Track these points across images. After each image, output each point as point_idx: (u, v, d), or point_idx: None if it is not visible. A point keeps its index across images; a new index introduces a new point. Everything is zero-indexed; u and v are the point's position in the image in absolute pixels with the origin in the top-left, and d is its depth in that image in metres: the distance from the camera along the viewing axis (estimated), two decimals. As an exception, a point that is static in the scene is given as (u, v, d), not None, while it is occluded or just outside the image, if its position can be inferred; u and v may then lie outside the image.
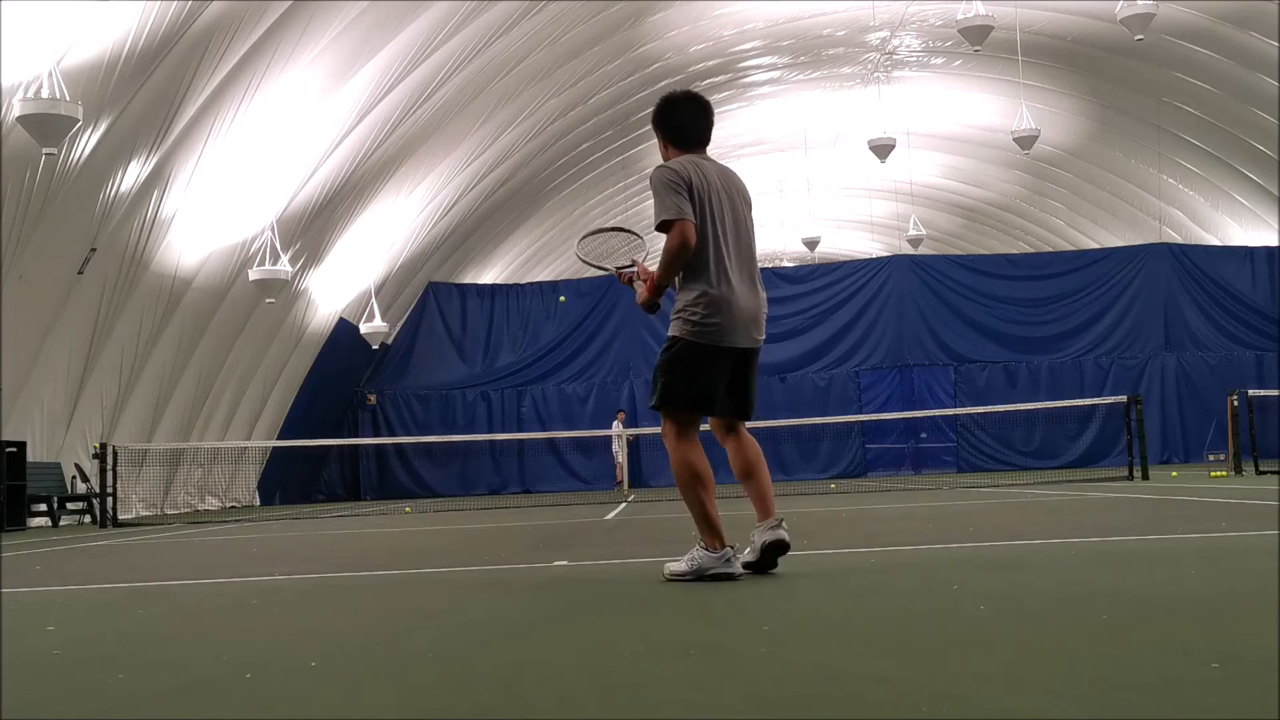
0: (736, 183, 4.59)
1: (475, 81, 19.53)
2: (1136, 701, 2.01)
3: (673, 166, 4.42)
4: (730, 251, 4.42)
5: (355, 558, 6.92)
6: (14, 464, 14.38)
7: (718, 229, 4.40)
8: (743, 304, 4.42)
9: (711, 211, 4.40)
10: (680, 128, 4.60)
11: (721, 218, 4.43)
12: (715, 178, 4.48)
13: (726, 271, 4.39)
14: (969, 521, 7.54)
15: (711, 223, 4.39)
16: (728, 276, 4.39)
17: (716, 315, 4.36)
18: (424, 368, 26.81)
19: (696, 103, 4.66)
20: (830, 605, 3.57)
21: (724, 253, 4.40)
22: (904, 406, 25.05)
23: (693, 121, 4.61)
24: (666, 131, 4.62)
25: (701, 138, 4.62)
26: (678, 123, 4.61)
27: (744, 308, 4.42)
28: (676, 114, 4.61)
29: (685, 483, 4.39)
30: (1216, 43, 22.69)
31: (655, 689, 2.33)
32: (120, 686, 2.65)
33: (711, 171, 4.49)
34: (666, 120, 4.62)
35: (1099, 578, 3.98)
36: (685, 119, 4.61)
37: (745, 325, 4.44)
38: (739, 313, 4.40)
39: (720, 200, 4.44)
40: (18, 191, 12.73)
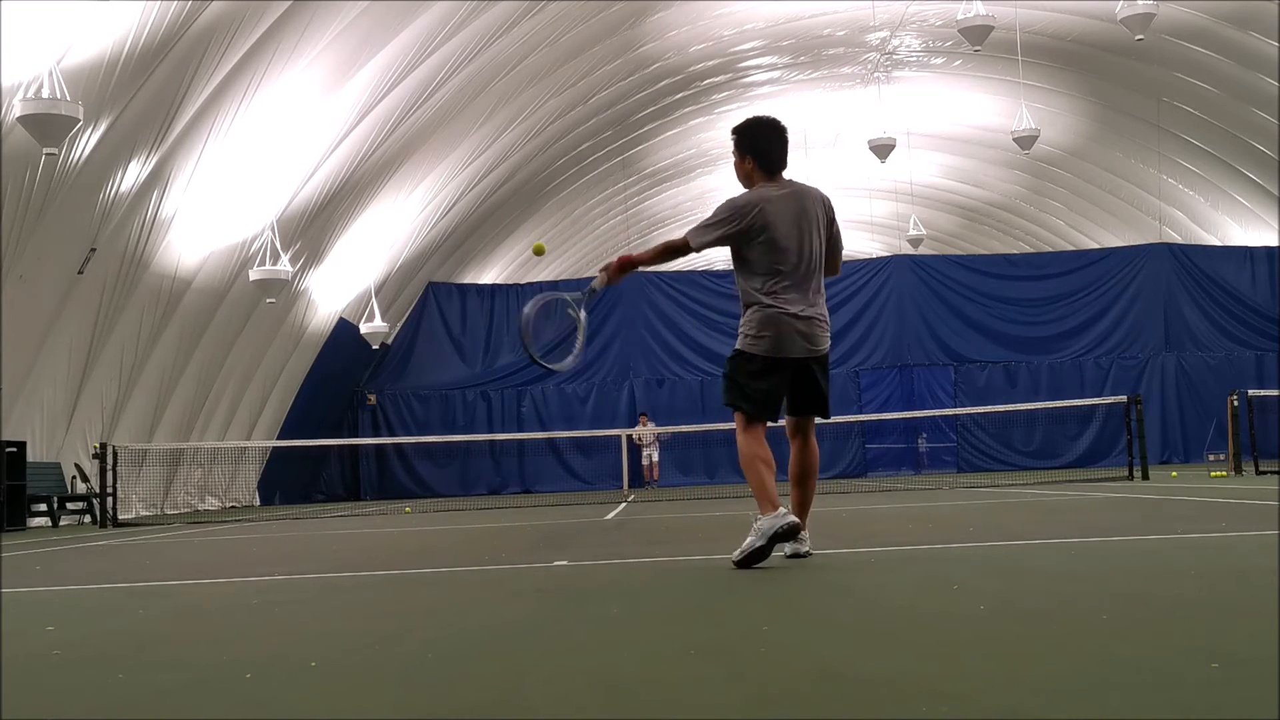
0: (808, 203, 5.04)
1: (475, 81, 19.53)
2: (1136, 701, 2.01)
3: (748, 201, 5.01)
4: (787, 274, 4.96)
5: (355, 558, 6.92)
6: (14, 464, 14.38)
7: (785, 256, 4.95)
8: (793, 321, 4.94)
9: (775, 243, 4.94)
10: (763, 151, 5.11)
11: (789, 246, 4.95)
12: (786, 203, 4.99)
13: (779, 293, 4.95)
14: (969, 521, 7.54)
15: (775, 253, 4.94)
16: (782, 297, 4.95)
17: (766, 331, 4.94)
18: (424, 368, 26.81)
19: (779, 129, 5.14)
20: (830, 605, 3.57)
21: (779, 276, 4.95)
22: (904, 406, 25.04)
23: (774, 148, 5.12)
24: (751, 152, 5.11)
25: (779, 165, 5.14)
26: (762, 147, 5.11)
27: (794, 324, 4.94)
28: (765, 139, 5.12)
29: (748, 463, 4.97)
30: (1216, 43, 22.69)
31: (655, 689, 2.33)
32: (120, 686, 2.65)
33: (784, 200, 5.00)
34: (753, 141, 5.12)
35: (1099, 578, 3.98)
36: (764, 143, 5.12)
37: (796, 338, 4.95)
38: (788, 328, 4.94)
39: (785, 229, 4.95)
40: (18, 191, 12.73)
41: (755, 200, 5.00)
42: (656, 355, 26.47)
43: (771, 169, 5.12)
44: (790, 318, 4.93)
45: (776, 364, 4.97)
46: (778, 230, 4.94)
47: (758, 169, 5.11)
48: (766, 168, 5.11)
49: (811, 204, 5.07)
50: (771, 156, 5.11)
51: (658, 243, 5.35)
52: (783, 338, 4.93)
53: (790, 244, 4.96)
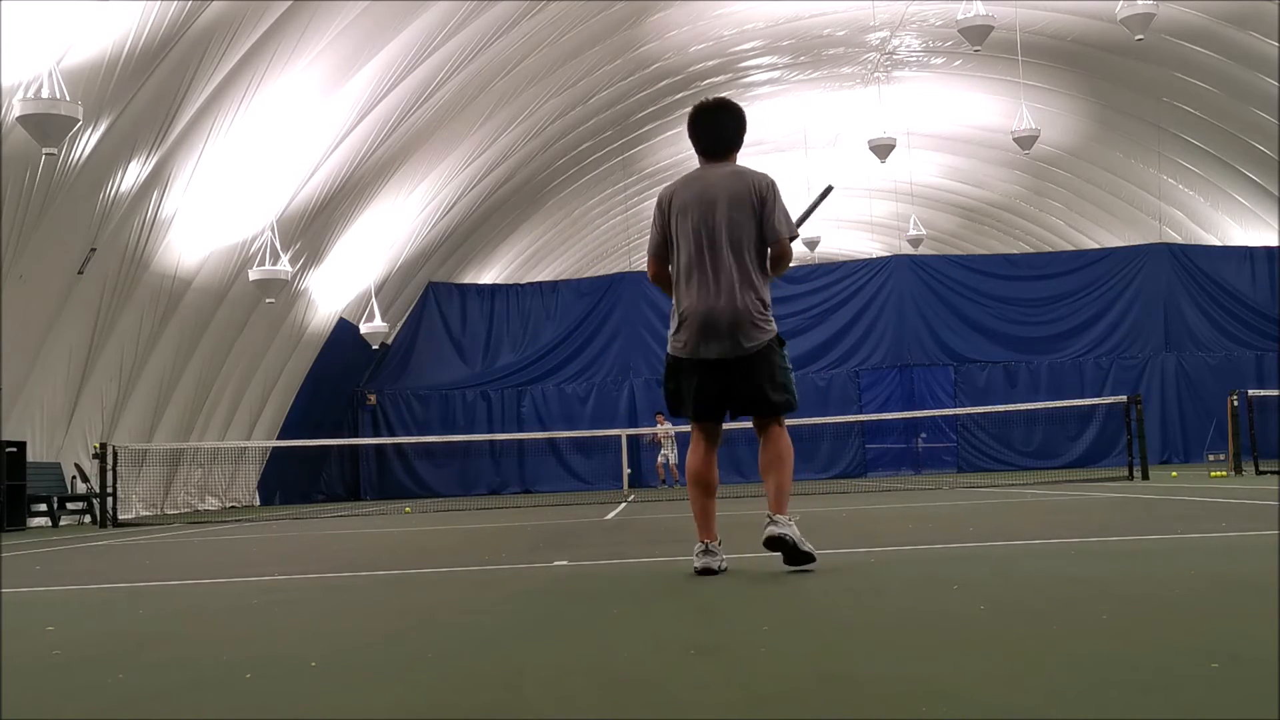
0: (734, 186, 4.59)
1: (475, 81, 19.53)
2: (1136, 701, 2.01)
3: (660, 195, 4.68)
4: (702, 267, 4.52)
5: (355, 558, 6.92)
6: (14, 464, 14.38)
7: (689, 245, 4.55)
8: (709, 318, 4.49)
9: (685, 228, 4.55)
10: (692, 139, 4.78)
11: (696, 232, 4.54)
12: (708, 187, 4.58)
13: (694, 287, 4.52)
14: (969, 521, 7.54)
15: (684, 239, 4.56)
16: (694, 292, 4.52)
17: (682, 331, 4.54)
18: (424, 368, 26.81)
19: (710, 111, 4.76)
20: (830, 605, 3.57)
21: (693, 269, 4.54)
22: (904, 406, 25.04)
23: (699, 133, 4.75)
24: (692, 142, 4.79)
25: (709, 148, 4.72)
26: (690, 134, 4.78)
27: (711, 321, 4.49)
28: (691, 124, 4.77)
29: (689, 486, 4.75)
30: (1216, 43, 22.69)
31: (656, 689, 2.33)
32: (120, 686, 2.65)
33: (705, 182, 4.61)
34: (688, 131, 4.79)
35: (1099, 578, 3.98)
36: (694, 129, 4.76)
37: (715, 337, 4.49)
38: (706, 326, 4.49)
39: (701, 213, 4.54)
40: (18, 191, 12.73)
41: (676, 185, 4.70)
42: (656, 355, 26.44)
43: (707, 153, 4.73)
44: (705, 314, 4.49)
45: (691, 365, 4.56)
46: (703, 211, 4.54)
47: (698, 155, 4.78)
48: (702, 153, 4.75)
49: (737, 183, 4.58)
50: (702, 141, 4.73)
51: None
52: (703, 338, 4.50)
53: (695, 227, 4.54)
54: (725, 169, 4.66)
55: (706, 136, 4.73)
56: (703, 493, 4.66)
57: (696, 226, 4.53)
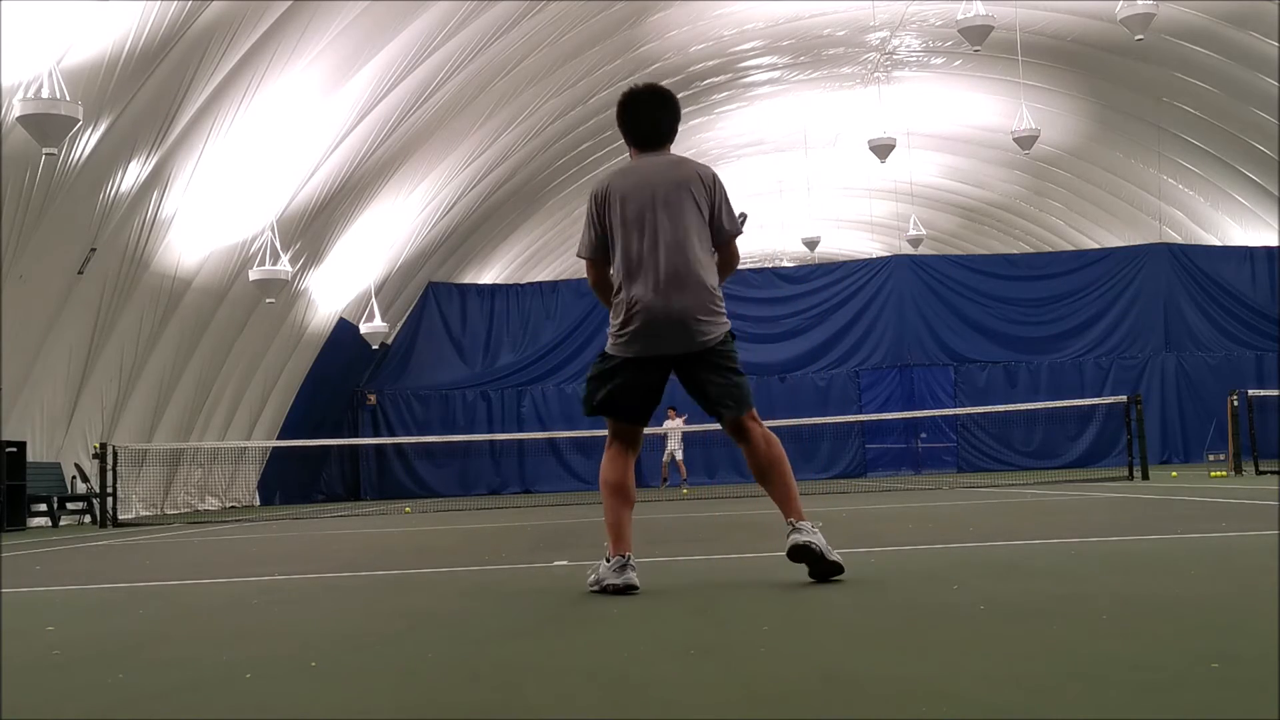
0: (676, 174, 4.28)
1: (475, 81, 19.53)
2: (1136, 701, 2.01)
3: (593, 188, 4.35)
4: (646, 257, 4.19)
5: (355, 558, 6.92)
6: (14, 464, 14.38)
7: (631, 236, 4.20)
8: (660, 312, 4.15)
9: (626, 218, 4.22)
10: (626, 128, 4.42)
11: (639, 222, 4.21)
12: (648, 176, 4.27)
13: (641, 280, 4.18)
14: (969, 521, 7.54)
15: (625, 230, 4.21)
16: (642, 285, 4.18)
17: (628, 325, 4.19)
18: (424, 368, 26.82)
19: (645, 98, 4.40)
20: (830, 605, 3.57)
21: (634, 261, 4.20)
22: (904, 406, 25.04)
23: (637, 119, 4.40)
24: (621, 131, 4.45)
25: (647, 136, 4.38)
26: (624, 122, 4.42)
27: (661, 316, 4.15)
28: (624, 111, 4.41)
29: (600, 487, 4.36)
30: (1216, 43, 22.69)
31: (655, 689, 2.33)
32: (120, 686, 2.65)
33: (645, 170, 4.29)
34: (618, 119, 4.44)
35: (1099, 578, 3.98)
36: (630, 116, 4.40)
37: (664, 333, 4.17)
38: (655, 322, 4.16)
39: (642, 203, 4.22)
40: (18, 191, 12.73)
41: (614, 176, 4.34)
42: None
43: (643, 143, 4.38)
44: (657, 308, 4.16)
45: (635, 363, 4.23)
46: (645, 200, 4.21)
47: (631, 145, 4.43)
48: (637, 143, 4.40)
49: (680, 172, 4.28)
50: (639, 130, 4.38)
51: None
52: (652, 333, 4.17)
53: (637, 217, 4.21)
54: (663, 159, 4.34)
55: (644, 124, 4.38)
56: (622, 501, 4.28)
57: (639, 216, 4.20)
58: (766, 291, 26.93)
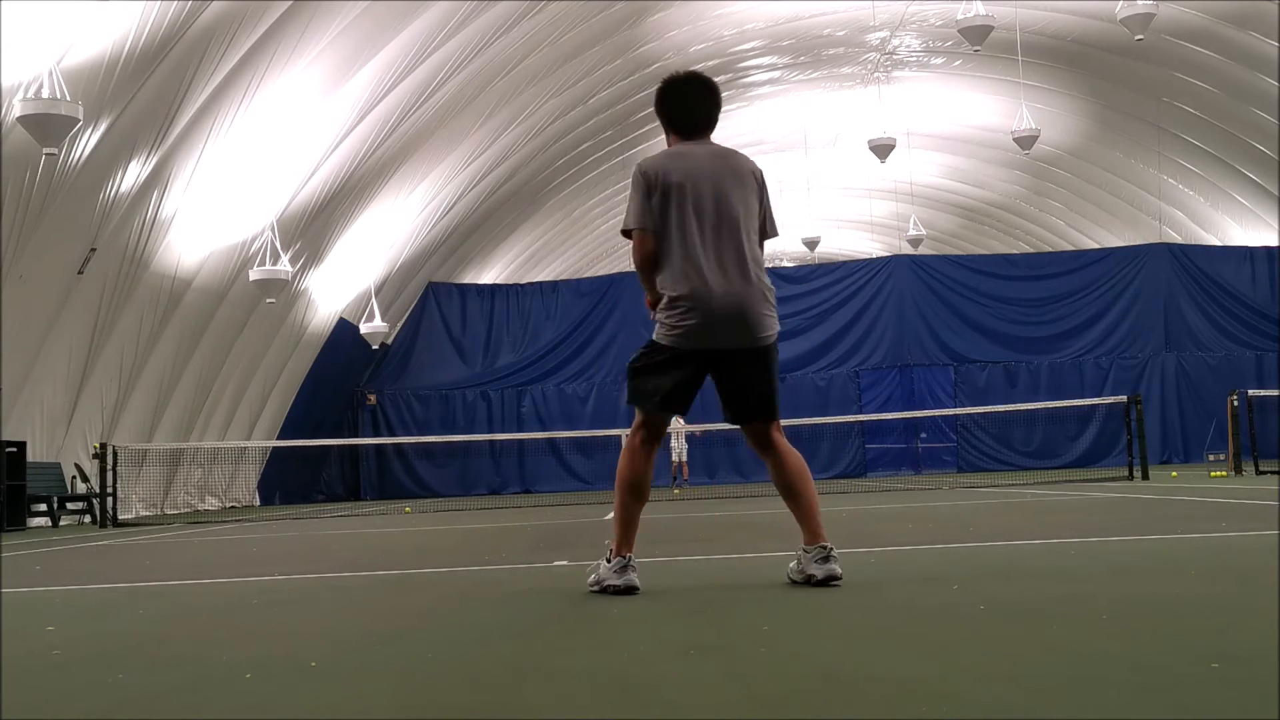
0: (734, 165, 4.20)
1: (475, 81, 19.53)
2: (1136, 701, 2.01)
3: (644, 166, 4.16)
4: (708, 246, 4.06)
5: (355, 558, 6.92)
6: (14, 464, 14.38)
7: (690, 224, 4.06)
8: (719, 303, 4.02)
9: (685, 205, 4.07)
10: (672, 115, 4.31)
11: (700, 210, 4.07)
12: (704, 163, 4.15)
13: (700, 269, 4.03)
14: (969, 521, 7.54)
15: (683, 217, 4.06)
16: (701, 275, 4.03)
17: (688, 317, 4.03)
18: (424, 368, 26.82)
19: (693, 85, 4.30)
20: (830, 605, 3.57)
21: (697, 249, 4.04)
22: (904, 406, 25.05)
23: (687, 106, 4.29)
24: (664, 118, 4.32)
25: (697, 123, 4.28)
26: (670, 109, 4.31)
27: (720, 307, 4.02)
28: (670, 98, 4.31)
29: (617, 483, 4.21)
30: (1216, 43, 22.69)
31: (655, 689, 2.33)
32: (120, 686, 2.65)
33: (700, 158, 4.17)
34: (662, 105, 4.32)
35: (1099, 578, 3.98)
36: (678, 103, 4.30)
37: (722, 326, 4.03)
38: (714, 313, 4.02)
39: (702, 190, 4.09)
40: (18, 191, 12.73)
41: (665, 158, 4.18)
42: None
43: (692, 130, 4.28)
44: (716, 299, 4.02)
45: (687, 356, 4.09)
46: (703, 188, 4.10)
47: (671, 131, 4.32)
48: (685, 129, 4.28)
49: (741, 167, 4.21)
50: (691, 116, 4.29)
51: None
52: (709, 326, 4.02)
53: (697, 205, 4.08)
54: (711, 148, 4.24)
55: (697, 111, 4.28)
56: (636, 499, 4.17)
57: (698, 204, 4.07)
58: (767, 291, 26.92)
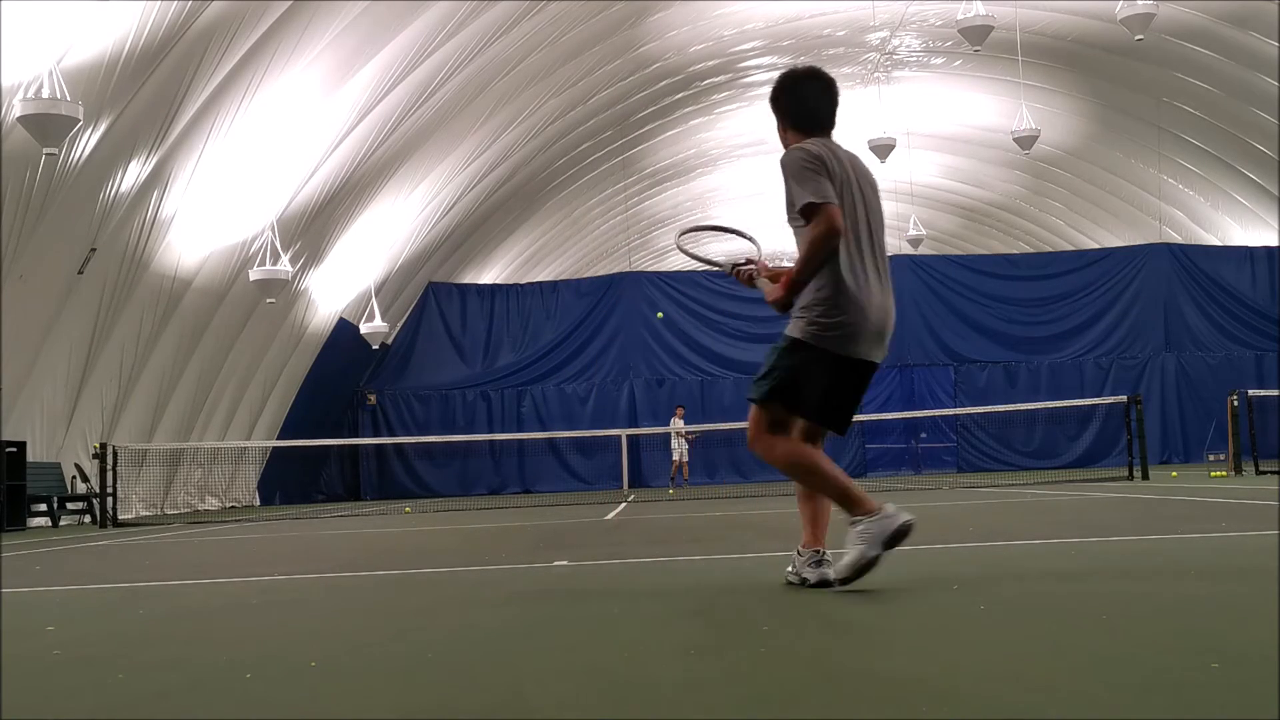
0: (865, 170, 4.11)
1: (475, 81, 19.53)
2: (1136, 701, 2.01)
3: (806, 147, 3.93)
4: (864, 246, 3.95)
5: (355, 558, 6.92)
6: (14, 464, 14.38)
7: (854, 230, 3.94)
8: (875, 309, 3.91)
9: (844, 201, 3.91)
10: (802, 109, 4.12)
11: (854, 208, 3.95)
12: (847, 165, 4.02)
13: (862, 269, 3.90)
14: (969, 521, 7.54)
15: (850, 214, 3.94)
16: (863, 274, 3.90)
17: (843, 316, 3.87)
18: (424, 368, 26.81)
19: (822, 80, 4.15)
20: (830, 605, 3.57)
21: (858, 247, 3.93)
22: (904, 406, 25.05)
23: (818, 101, 4.12)
24: (788, 112, 4.14)
25: (826, 120, 4.12)
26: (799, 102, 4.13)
27: (876, 314, 3.92)
28: (799, 91, 4.13)
29: (805, 473, 3.99)
30: (1216, 43, 22.69)
31: (655, 689, 2.33)
32: (120, 686, 2.65)
33: (843, 158, 4.02)
34: (787, 98, 4.14)
35: (1099, 578, 3.98)
36: (809, 97, 4.13)
37: (874, 334, 3.94)
38: (870, 319, 3.90)
39: (853, 189, 3.98)
40: (18, 191, 12.73)
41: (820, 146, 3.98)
42: (656, 355, 26.48)
43: (819, 127, 4.11)
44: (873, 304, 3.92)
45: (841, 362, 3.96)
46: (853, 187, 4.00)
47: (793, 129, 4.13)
48: (806, 124, 4.11)
49: (870, 173, 4.16)
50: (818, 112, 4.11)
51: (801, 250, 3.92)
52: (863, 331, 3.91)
53: (861, 208, 4.00)
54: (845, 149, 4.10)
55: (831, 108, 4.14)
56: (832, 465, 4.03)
57: (851, 207, 3.95)
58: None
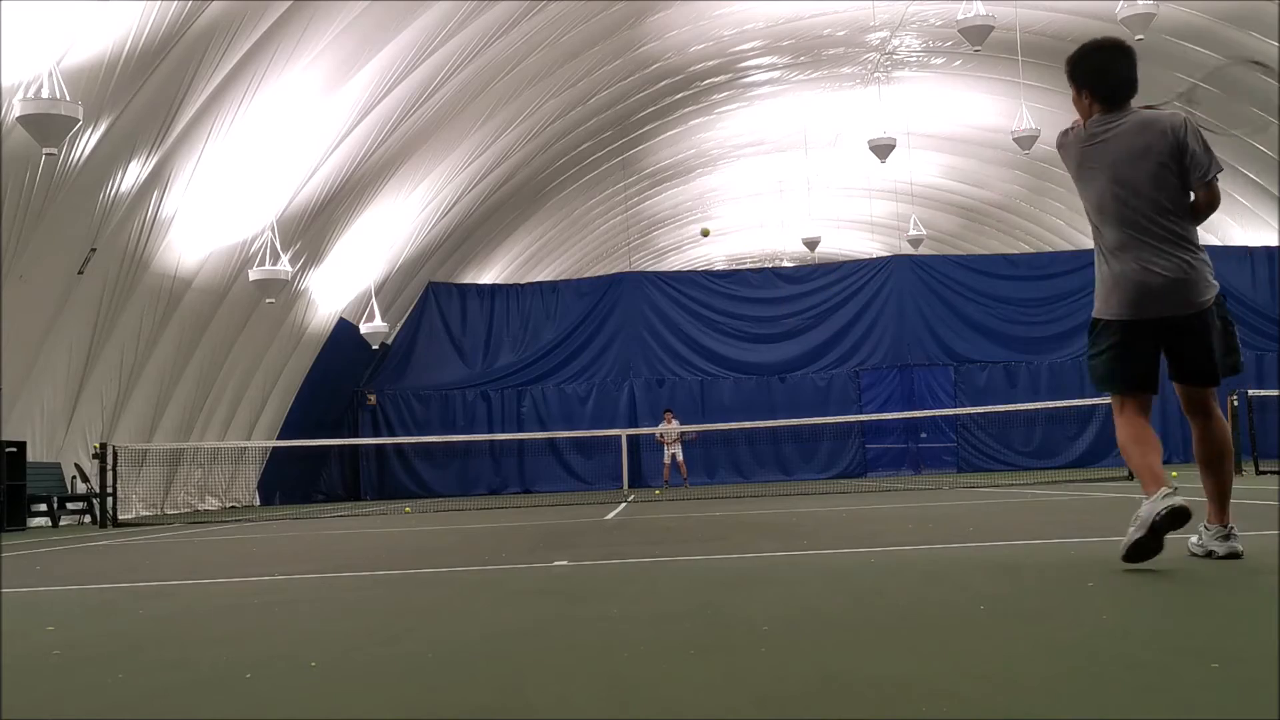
0: (1143, 137, 4.26)
1: (475, 82, 19.53)
2: (1136, 701, 2.01)
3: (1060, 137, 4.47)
4: (1114, 224, 4.27)
5: (355, 558, 6.92)
6: (14, 464, 14.38)
7: (1093, 202, 4.33)
8: (1133, 273, 4.21)
9: (1084, 186, 4.36)
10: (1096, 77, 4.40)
11: (1100, 190, 4.30)
12: (1106, 144, 4.31)
13: (1112, 241, 4.27)
14: (969, 521, 7.54)
15: (1087, 197, 4.35)
16: (1114, 246, 4.26)
17: (1106, 289, 4.30)
18: (424, 368, 26.80)
19: (1110, 49, 4.42)
20: (830, 605, 3.57)
21: (1110, 221, 4.28)
22: (904, 406, 25.04)
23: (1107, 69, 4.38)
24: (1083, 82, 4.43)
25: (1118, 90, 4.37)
26: (1093, 71, 4.40)
27: (1135, 278, 4.20)
28: (1088, 62, 4.42)
29: (1122, 448, 4.44)
30: (1216, 43, 22.69)
31: (655, 689, 2.33)
32: (120, 686, 2.65)
33: (1103, 135, 4.33)
34: (1082, 68, 4.43)
35: (1099, 578, 3.98)
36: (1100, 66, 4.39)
37: (1143, 296, 4.19)
38: (1129, 284, 4.21)
39: (1100, 171, 4.30)
40: (18, 191, 12.73)
41: (1067, 139, 4.46)
42: (656, 355, 26.48)
43: (1107, 98, 4.36)
44: (1130, 269, 4.21)
45: (1119, 327, 4.28)
46: (1088, 174, 4.34)
47: (1094, 100, 4.39)
48: (1102, 96, 4.37)
49: (1150, 136, 4.25)
50: (1107, 81, 4.35)
51: None
52: (1128, 296, 4.22)
53: (1106, 189, 4.28)
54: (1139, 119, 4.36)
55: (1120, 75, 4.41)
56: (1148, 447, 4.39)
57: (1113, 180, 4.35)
58: (766, 291, 26.95)
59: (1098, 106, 4.39)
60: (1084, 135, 4.39)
